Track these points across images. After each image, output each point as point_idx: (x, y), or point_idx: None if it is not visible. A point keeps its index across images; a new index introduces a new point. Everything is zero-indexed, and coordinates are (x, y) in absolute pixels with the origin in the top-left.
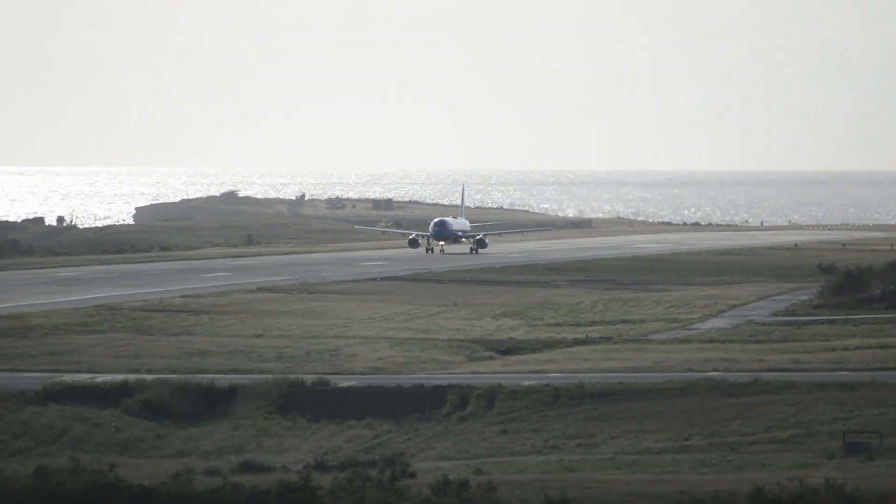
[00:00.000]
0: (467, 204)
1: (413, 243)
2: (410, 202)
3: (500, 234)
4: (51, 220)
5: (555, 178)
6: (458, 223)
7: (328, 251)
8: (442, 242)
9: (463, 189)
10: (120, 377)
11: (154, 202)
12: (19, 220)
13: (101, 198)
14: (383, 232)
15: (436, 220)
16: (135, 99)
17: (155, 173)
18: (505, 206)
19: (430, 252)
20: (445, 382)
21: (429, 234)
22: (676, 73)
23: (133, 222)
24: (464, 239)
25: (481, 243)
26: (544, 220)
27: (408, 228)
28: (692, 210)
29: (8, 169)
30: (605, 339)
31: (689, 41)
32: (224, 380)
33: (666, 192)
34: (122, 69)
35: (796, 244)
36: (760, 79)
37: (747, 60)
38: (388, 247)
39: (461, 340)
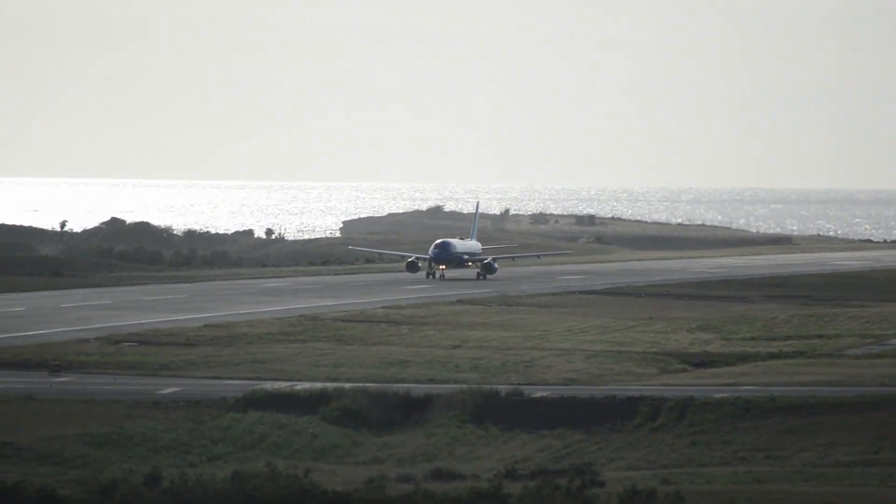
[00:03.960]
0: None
1: (411, 266)
2: (613, 218)
3: (512, 257)
4: (259, 233)
5: (751, 196)
6: (465, 245)
7: (527, 266)
8: (443, 266)
9: (477, 206)
10: (319, 385)
11: (361, 216)
12: (229, 233)
13: (310, 212)
14: (380, 255)
15: (437, 241)
16: (346, 117)
17: (366, 188)
18: (706, 224)
19: (430, 277)
20: (637, 394)
21: (429, 256)
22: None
23: (340, 235)
24: (470, 263)
25: (489, 268)
26: (744, 237)
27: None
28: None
29: (224, 183)
30: (799, 354)
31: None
32: (420, 389)
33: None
34: (339, 86)
35: None
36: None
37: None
38: (586, 261)
39: (655, 353)
